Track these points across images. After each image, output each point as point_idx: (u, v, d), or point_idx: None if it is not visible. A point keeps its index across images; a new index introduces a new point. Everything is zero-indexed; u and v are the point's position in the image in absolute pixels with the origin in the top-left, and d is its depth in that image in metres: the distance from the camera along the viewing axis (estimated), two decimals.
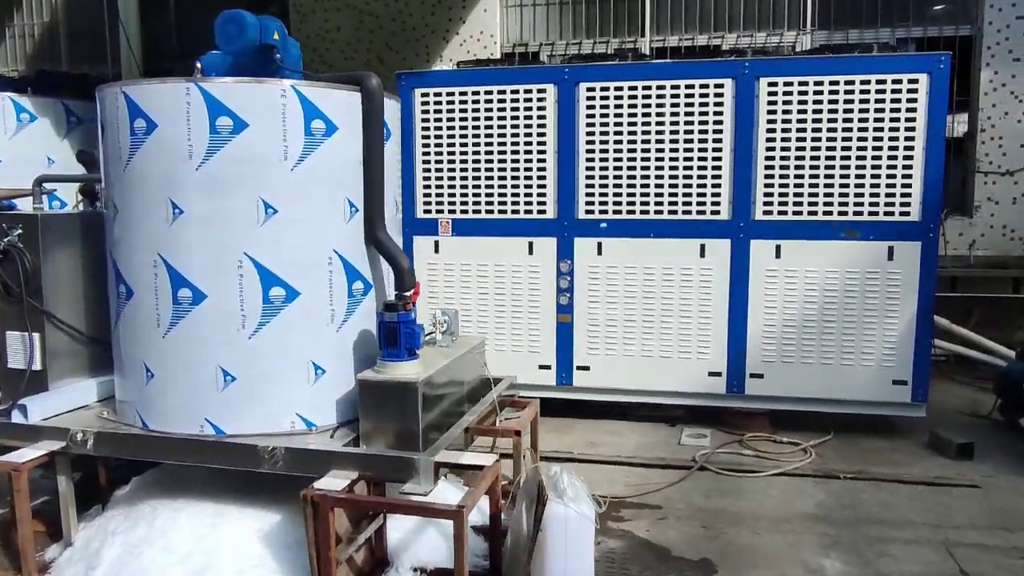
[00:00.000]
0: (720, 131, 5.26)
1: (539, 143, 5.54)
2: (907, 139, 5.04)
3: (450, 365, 3.65)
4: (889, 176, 5.09)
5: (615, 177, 5.45)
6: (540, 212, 5.60)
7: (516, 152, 5.58)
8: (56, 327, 3.78)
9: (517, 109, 5.54)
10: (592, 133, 5.45)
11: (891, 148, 5.07)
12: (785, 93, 5.15)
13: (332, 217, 3.46)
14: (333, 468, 3.21)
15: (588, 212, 5.53)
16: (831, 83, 5.08)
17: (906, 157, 5.06)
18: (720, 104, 5.24)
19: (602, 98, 5.40)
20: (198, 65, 3.38)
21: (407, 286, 3.51)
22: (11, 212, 3.82)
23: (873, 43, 5.64)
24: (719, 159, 5.29)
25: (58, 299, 3.78)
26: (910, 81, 4.99)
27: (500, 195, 5.64)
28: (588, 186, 5.50)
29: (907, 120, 5.02)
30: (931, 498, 4.44)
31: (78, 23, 10.10)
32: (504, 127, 5.57)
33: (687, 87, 5.27)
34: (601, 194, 5.49)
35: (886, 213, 5.12)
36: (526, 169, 5.58)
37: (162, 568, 3.25)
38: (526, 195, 5.60)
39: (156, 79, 3.27)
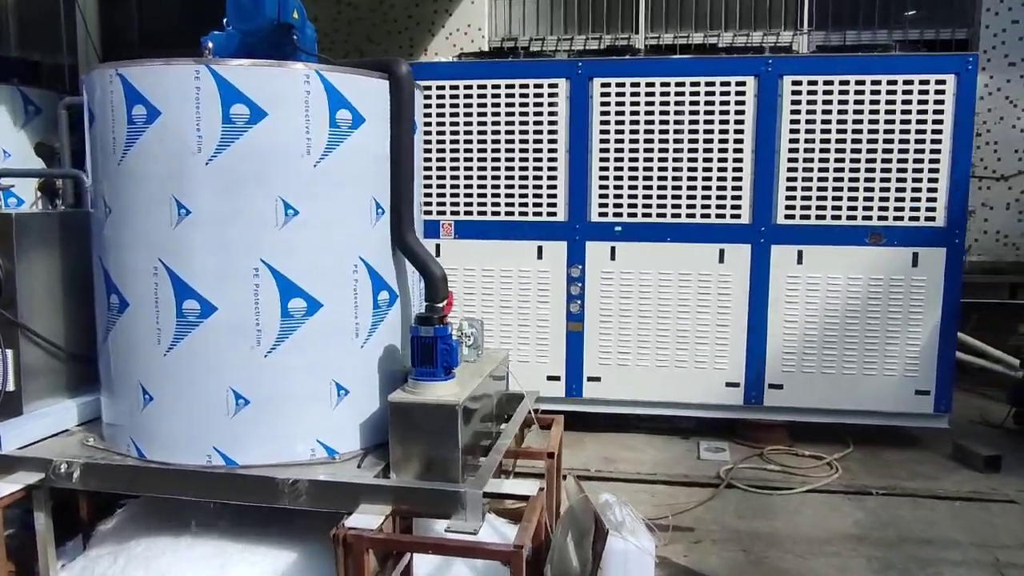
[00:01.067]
0: (741, 131, 5.03)
1: (550, 141, 5.23)
2: (933, 141, 4.88)
3: (483, 383, 3.31)
4: (915, 180, 4.92)
5: (631, 178, 5.17)
6: (550, 214, 5.29)
7: (525, 150, 5.25)
8: (32, 342, 3.32)
9: (527, 104, 5.21)
10: (607, 131, 5.16)
11: (917, 151, 4.90)
12: (809, 92, 4.94)
13: (357, 219, 3.09)
14: (362, 502, 2.84)
15: (602, 215, 5.23)
16: (857, 82, 4.88)
17: (932, 160, 4.89)
18: (742, 103, 5.01)
19: (618, 94, 5.12)
20: (209, 44, 2.97)
21: (440, 297, 3.15)
22: None
23: (893, 43, 5.49)
24: (740, 160, 5.05)
25: (34, 310, 3.32)
26: (937, 82, 4.83)
27: (507, 196, 5.31)
28: (602, 187, 5.21)
29: (934, 122, 4.86)
30: (970, 515, 4.27)
31: (29, 9, 9.41)
32: (512, 123, 5.25)
33: (707, 84, 5.02)
34: (616, 196, 5.20)
35: (911, 218, 4.96)
36: (535, 168, 5.26)
37: None
38: (535, 196, 5.29)
39: (159, 60, 2.86)
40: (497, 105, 5.25)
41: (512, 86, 5.22)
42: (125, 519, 3.47)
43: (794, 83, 4.94)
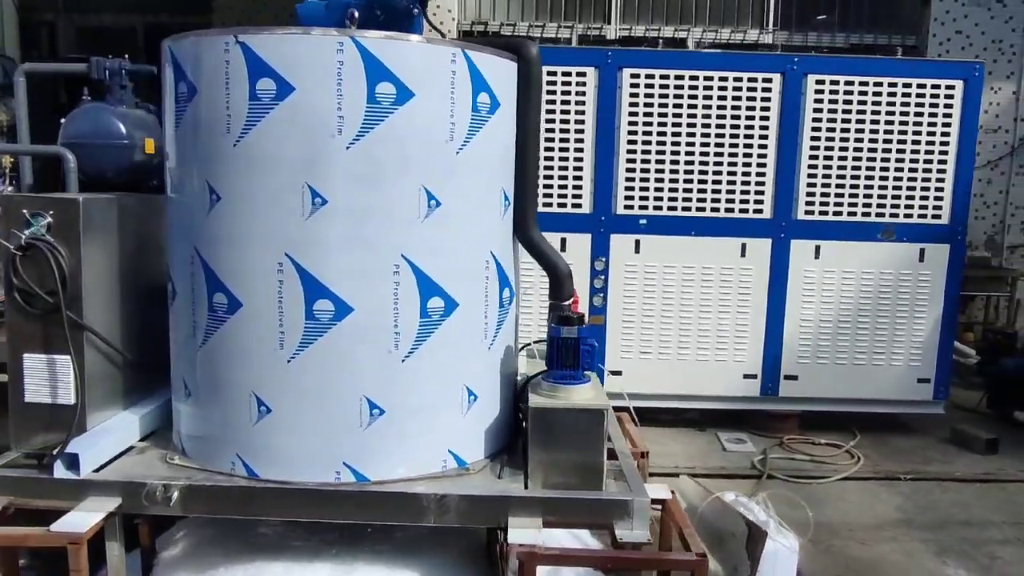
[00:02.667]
0: (766, 127, 5.10)
1: (576, 131, 5.10)
2: (942, 143, 5.14)
3: None
4: (924, 179, 5.17)
5: (657, 171, 5.14)
6: (575, 207, 5.17)
7: (550, 140, 5.10)
8: (93, 346, 2.88)
9: (553, 93, 5.05)
10: (635, 123, 5.10)
11: (927, 151, 5.15)
12: (831, 91, 5.08)
13: (490, 211, 2.88)
14: (511, 515, 2.66)
15: (627, 208, 5.17)
16: (875, 84, 5.07)
17: (940, 161, 5.16)
18: (767, 99, 5.08)
19: (647, 86, 5.06)
20: (354, 13, 2.65)
21: (567, 294, 3.02)
22: (39, 196, 2.86)
23: (898, 45, 5.74)
24: (764, 156, 5.13)
25: (96, 310, 2.88)
26: (947, 87, 5.09)
27: None
28: (628, 180, 5.15)
29: (943, 125, 5.12)
30: (994, 495, 4.55)
31: None
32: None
33: (735, 80, 5.05)
34: (642, 188, 5.16)
35: (919, 216, 5.21)
36: (561, 159, 5.13)
37: None
38: (560, 187, 5.15)
39: (294, 28, 2.53)
40: None
41: None
42: (194, 544, 3.09)
43: (817, 82, 5.07)
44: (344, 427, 2.66)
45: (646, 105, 5.08)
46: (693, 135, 5.10)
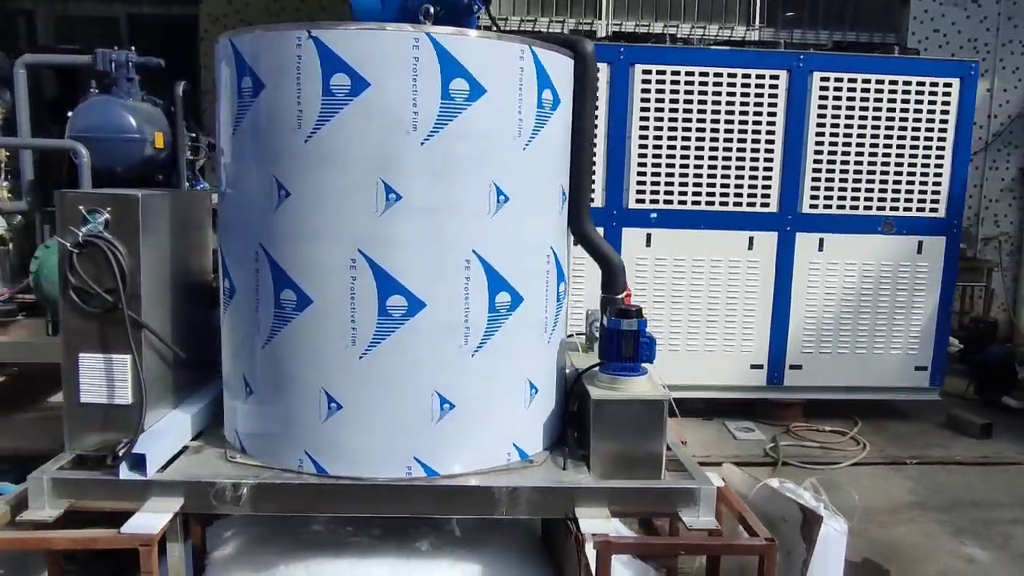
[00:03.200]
0: (773, 123, 5.23)
1: None
2: (940, 139, 5.33)
3: None
4: (923, 173, 5.36)
5: (668, 166, 5.23)
6: None
7: None
8: (150, 346, 2.83)
9: None
10: (646, 119, 5.17)
11: (925, 147, 5.33)
12: (835, 88, 5.22)
13: (550, 207, 2.92)
14: (578, 505, 2.71)
15: (639, 202, 5.25)
16: (877, 81, 5.23)
17: (938, 156, 5.35)
18: (774, 96, 5.20)
19: (658, 82, 5.14)
20: (429, 9, 2.64)
21: (620, 288, 3.08)
22: (95, 192, 2.80)
23: (879, 43, 5.91)
24: (771, 151, 5.26)
25: (152, 308, 2.83)
26: (945, 84, 5.27)
27: None
28: (640, 174, 5.23)
29: (940, 121, 5.31)
30: (997, 478, 4.76)
31: None
32: None
33: (744, 76, 5.16)
34: (653, 183, 5.24)
35: (918, 209, 5.39)
36: None
37: None
38: None
39: (371, 24, 2.52)
40: None
41: None
42: (245, 543, 3.08)
43: (822, 79, 5.21)
44: (416, 422, 2.67)
45: (657, 101, 5.16)
46: (703, 130, 5.20)
